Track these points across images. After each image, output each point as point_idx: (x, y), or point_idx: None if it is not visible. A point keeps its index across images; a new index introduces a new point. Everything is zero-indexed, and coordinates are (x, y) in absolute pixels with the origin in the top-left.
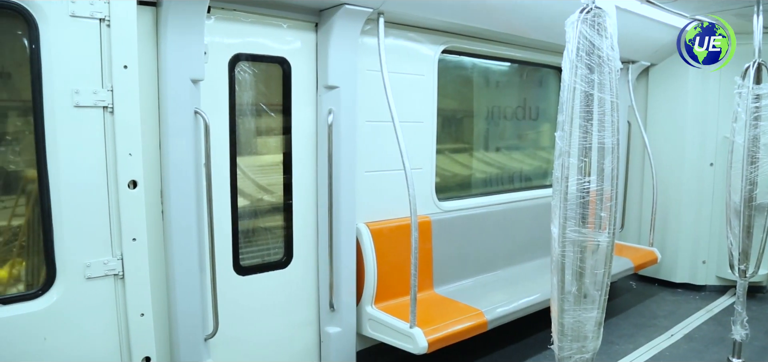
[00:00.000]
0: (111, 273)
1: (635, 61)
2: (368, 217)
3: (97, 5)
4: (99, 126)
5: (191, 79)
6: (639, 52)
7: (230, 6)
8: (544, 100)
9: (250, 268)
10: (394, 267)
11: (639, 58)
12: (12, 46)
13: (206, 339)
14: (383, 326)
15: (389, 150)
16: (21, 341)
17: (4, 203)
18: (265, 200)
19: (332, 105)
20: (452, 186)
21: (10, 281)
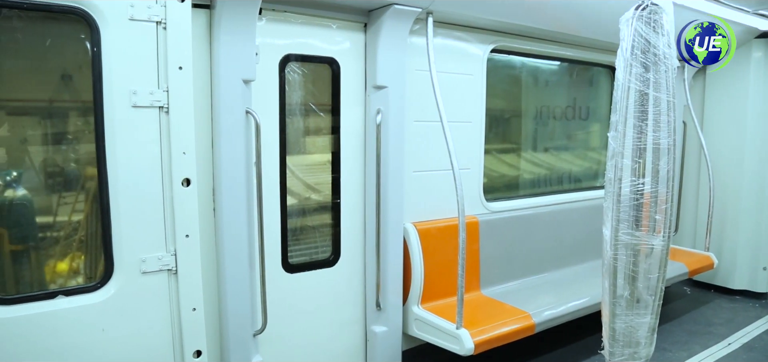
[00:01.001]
0: (165, 268)
1: None
2: (415, 217)
3: (154, 9)
4: (155, 125)
5: (243, 79)
6: None
7: (281, 7)
8: (594, 100)
9: (299, 266)
10: (441, 268)
11: None
12: (74, 49)
13: (255, 335)
14: (429, 326)
15: (437, 150)
16: (82, 331)
17: (65, 199)
18: (314, 199)
19: (381, 105)
20: (500, 187)
21: (69, 274)
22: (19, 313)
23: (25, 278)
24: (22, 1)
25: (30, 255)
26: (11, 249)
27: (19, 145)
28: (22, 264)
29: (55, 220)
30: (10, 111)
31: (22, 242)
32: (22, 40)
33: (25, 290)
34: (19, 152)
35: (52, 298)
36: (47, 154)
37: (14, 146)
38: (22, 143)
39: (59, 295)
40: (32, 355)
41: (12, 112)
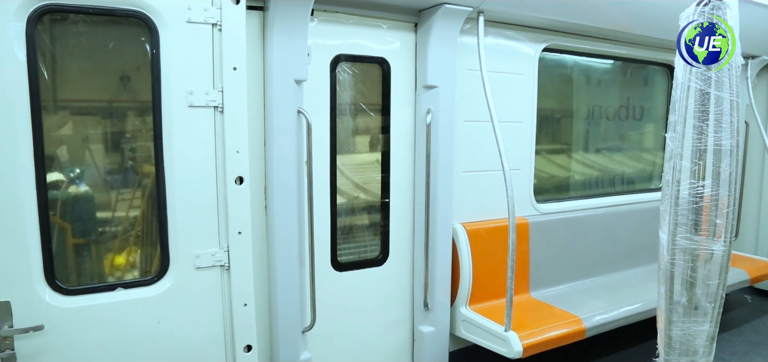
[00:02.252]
0: (218, 264)
1: (756, 56)
2: (464, 217)
3: (210, 11)
4: (210, 125)
5: (295, 79)
6: (761, 46)
7: (332, 8)
8: (649, 100)
9: (347, 265)
10: (490, 269)
11: (761, 52)
12: (133, 51)
13: (304, 331)
14: (477, 328)
15: (487, 150)
16: (139, 322)
17: (123, 195)
18: (363, 198)
19: (431, 104)
20: (550, 188)
21: (126, 267)
22: (82, 304)
23: (85, 270)
24: (89, 6)
25: (91, 249)
26: (74, 242)
27: (81, 144)
28: (83, 257)
29: (114, 216)
30: (74, 111)
31: (84, 236)
32: (87, 44)
33: (85, 282)
34: (81, 150)
35: (111, 290)
36: (107, 152)
37: (77, 144)
38: (84, 142)
39: (119, 288)
40: (93, 344)
41: (76, 112)
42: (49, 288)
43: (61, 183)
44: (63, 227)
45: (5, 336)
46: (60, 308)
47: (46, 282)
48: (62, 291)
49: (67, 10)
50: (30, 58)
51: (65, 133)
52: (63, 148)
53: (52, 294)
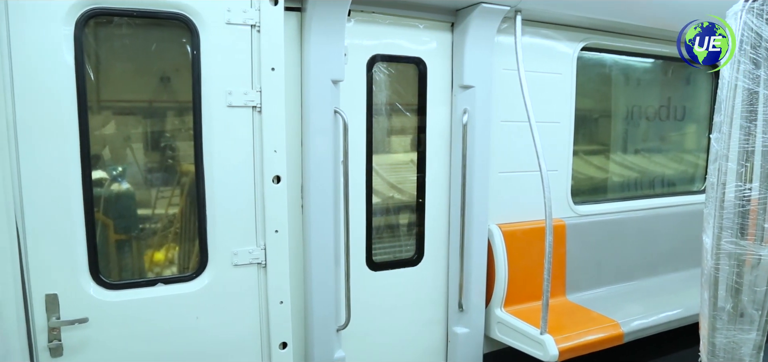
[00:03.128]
0: (255, 261)
1: None
2: (500, 219)
3: (249, 13)
4: (248, 124)
5: (332, 79)
6: None
7: (369, 9)
8: (691, 99)
9: (382, 264)
10: (526, 271)
11: None
12: (172, 52)
13: (338, 330)
14: (512, 330)
15: (524, 151)
16: (177, 317)
17: (162, 193)
18: (399, 198)
19: (467, 104)
20: (587, 190)
21: (165, 263)
22: (124, 298)
23: (126, 265)
24: (133, 9)
25: (131, 245)
26: (115, 238)
27: (123, 143)
28: (124, 253)
29: (154, 213)
30: (116, 111)
31: (125, 232)
32: (129, 45)
33: (126, 276)
34: (123, 149)
35: (152, 286)
36: (147, 150)
37: (119, 143)
38: (125, 141)
39: (159, 283)
40: (134, 337)
41: (118, 112)
42: (93, 282)
43: (104, 181)
44: (105, 223)
45: (53, 327)
46: (103, 301)
47: (91, 277)
48: (106, 285)
49: (113, 13)
50: (77, 61)
51: (108, 132)
52: (106, 147)
53: (97, 288)
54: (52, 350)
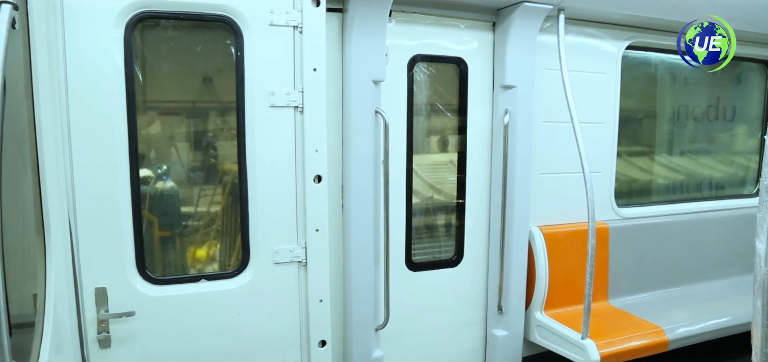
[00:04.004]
0: (295, 260)
1: None
2: (541, 220)
3: (291, 14)
4: (290, 124)
5: (373, 80)
6: None
7: (410, 9)
8: (742, 99)
9: (421, 265)
10: (567, 274)
11: None
12: (215, 54)
13: (377, 329)
14: (553, 334)
15: (566, 152)
16: (220, 313)
17: (204, 192)
18: (439, 198)
19: (508, 105)
20: (631, 192)
21: (206, 260)
22: (169, 293)
23: (170, 261)
24: (180, 12)
25: (175, 241)
26: (160, 235)
27: (168, 142)
28: (168, 249)
29: (196, 211)
30: (162, 111)
31: (169, 229)
32: (175, 47)
33: (169, 272)
34: (167, 148)
35: (195, 282)
36: (190, 150)
37: (164, 143)
38: (170, 140)
39: (202, 279)
40: (178, 331)
41: (163, 112)
42: (140, 277)
43: (149, 179)
44: (151, 220)
45: (102, 319)
46: (149, 296)
47: (138, 272)
48: (151, 281)
49: (161, 16)
50: (127, 63)
51: (153, 131)
52: (151, 146)
53: (143, 283)
54: (101, 341)
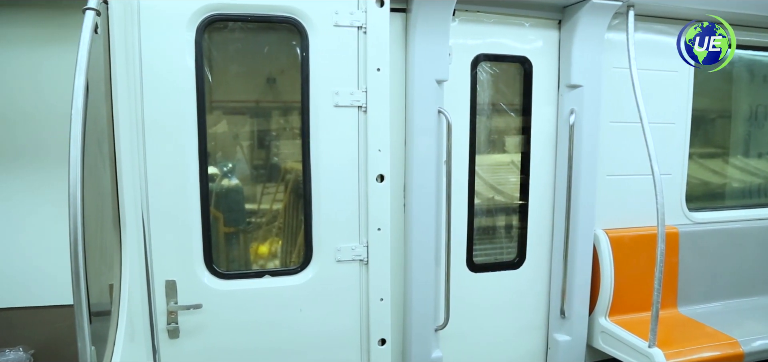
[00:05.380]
0: (357, 258)
1: None
2: (607, 224)
3: (356, 14)
4: (353, 124)
5: (436, 79)
6: None
7: (473, 8)
8: None
9: (483, 266)
10: (634, 279)
11: None
12: (279, 55)
13: (436, 330)
14: (618, 341)
15: (634, 153)
16: (283, 308)
17: (267, 189)
18: (501, 199)
19: (574, 104)
20: (704, 196)
21: (268, 256)
22: (234, 287)
23: (234, 257)
24: (248, 14)
25: (239, 237)
26: (225, 231)
27: (233, 141)
28: (232, 245)
29: (259, 208)
30: (227, 111)
31: (234, 225)
32: (241, 49)
33: (232, 267)
34: (232, 147)
35: (260, 277)
36: (254, 148)
37: (229, 141)
38: (235, 139)
39: (266, 275)
40: (243, 324)
41: (229, 111)
42: (207, 271)
43: (215, 177)
44: (216, 216)
45: (171, 311)
46: (216, 290)
47: (205, 266)
48: (218, 275)
49: (230, 18)
50: (198, 64)
51: (220, 130)
52: (218, 145)
53: (210, 277)
54: (170, 332)
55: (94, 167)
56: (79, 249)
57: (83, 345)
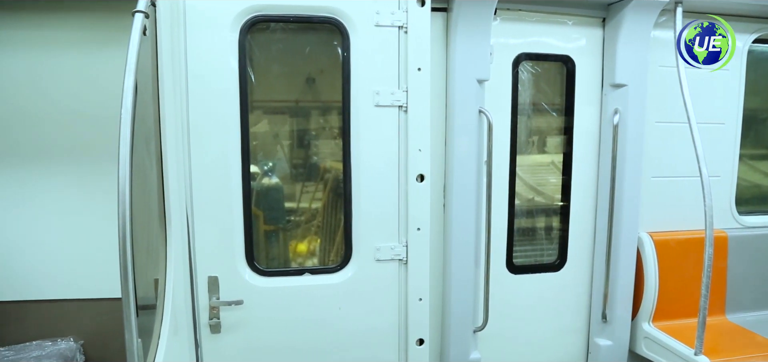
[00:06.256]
0: (396, 258)
1: None
2: (651, 226)
3: (397, 14)
4: (394, 124)
5: (477, 79)
6: None
7: (515, 7)
8: None
9: (523, 268)
10: (679, 284)
11: None
12: (319, 55)
13: (475, 331)
14: (662, 347)
15: (681, 154)
16: (322, 306)
17: (306, 188)
18: (542, 200)
19: (618, 104)
20: (754, 199)
21: (307, 255)
22: (275, 285)
23: (273, 254)
24: (291, 15)
25: (278, 236)
26: (265, 229)
27: (273, 140)
28: (272, 243)
29: (298, 206)
30: (268, 110)
31: (273, 223)
32: (282, 49)
33: (272, 265)
34: (272, 146)
35: (299, 275)
36: (294, 147)
37: (269, 141)
38: (274, 138)
39: (306, 273)
40: (283, 321)
41: (269, 111)
42: (248, 268)
43: (256, 175)
44: (256, 215)
45: (213, 306)
46: (257, 286)
47: (247, 263)
48: (259, 272)
49: (273, 19)
50: (241, 65)
51: (260, 130)
52: (259, 144)
53: (251, 274)
54: (212, 327)
55: (141, 165)
56: (128, 245)
57: (130, 337)
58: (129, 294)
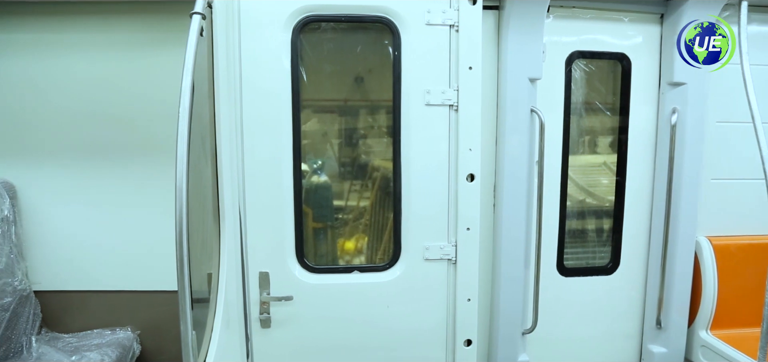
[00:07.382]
0: (445, 257)
1: None
2: (710, 231)
3: (448, 13)
4: (444, 123)
5: (529, 78)
6: None
7: (569, 4)
8: None
9: (574, 270)
10: (740, 292)
11: None
12: (368, 54)
13: (524, 333)
14: (720, 357)
15: (744, 155)
16: (370, 303)
17: (354, 187)
18: (595, 202)
19: (677, 103)
20: None
21: (354, 253)
22: (324, 281)
23: (322, 251)
24: (342, 15)
25: (327, 233)
26: (314, 226)
27: (322, 138)
28: (320, 240)
29: (347, 204)
30: (318, 109)
31: (322, 221)
32: (332, 49)
33: (320, 262)
34: (322, 144)
35: (348, 272)
36: (343, 146)
37: (318, 139)
38: (323, 136)
39: (355, 271)
40: (331, 318)
41: (319, 110)
42: (298, 264)
43: (305, 173)
44: (306, 212)
45: (264, 301)
46: (306, 283)
47: (297, 259)
48: (308, 268)
49: (325, 19)
50: (293, 64)
51: (310, 128)
52: (308, 143)
53: (301, 271)
54: (262, 321)
55: (197, 163)
56: (184, 240)
57: (185, 329)
58: (185, 288)
